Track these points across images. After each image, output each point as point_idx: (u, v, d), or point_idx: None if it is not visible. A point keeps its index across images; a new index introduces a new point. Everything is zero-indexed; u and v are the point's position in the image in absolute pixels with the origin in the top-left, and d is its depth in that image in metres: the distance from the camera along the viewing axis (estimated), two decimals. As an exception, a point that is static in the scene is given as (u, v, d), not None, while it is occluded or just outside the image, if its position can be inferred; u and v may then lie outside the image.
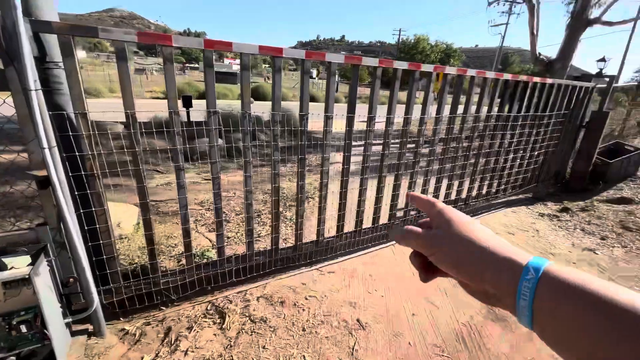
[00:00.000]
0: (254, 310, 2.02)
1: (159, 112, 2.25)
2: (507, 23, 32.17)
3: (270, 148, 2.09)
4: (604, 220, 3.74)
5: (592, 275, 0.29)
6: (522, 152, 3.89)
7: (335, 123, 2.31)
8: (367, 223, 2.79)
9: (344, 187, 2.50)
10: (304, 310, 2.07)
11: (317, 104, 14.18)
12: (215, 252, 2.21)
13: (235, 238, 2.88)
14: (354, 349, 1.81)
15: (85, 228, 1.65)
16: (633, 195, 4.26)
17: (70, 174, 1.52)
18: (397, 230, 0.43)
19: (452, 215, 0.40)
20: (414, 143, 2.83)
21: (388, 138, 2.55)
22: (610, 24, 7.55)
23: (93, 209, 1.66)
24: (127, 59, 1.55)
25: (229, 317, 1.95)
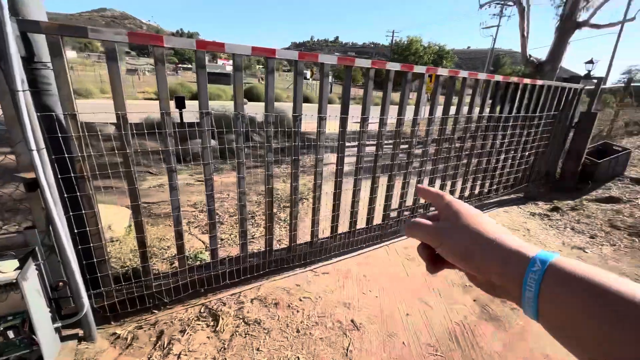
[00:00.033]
0: (248, 312, 2.01)
1: (151, 113, 2.23)
2: (498, 25, 32.59)
3: (264, 149, 2.09)
4: (593, 219, 3.81)
5: (598, 268, 0.29)
6: (513, 152, 3.95)
7: (329, 124, 2.32)
8: (361, 224, 2.80)
9: (338, 188, 2.50)
10: (298, 312, 2.06)
11: (310, 105, 14.19)
12: (209, 254, 2.20)
13: (229, 240, 2.86)
14: (348, 350, 1.81)
15: (75, 231, 1.62)
16: (621, 195, 4.35)
17: (60, 176, 1.50)
18: (406, 223, 0.44)
19: (460, 208, 0.41)
20: (407, 144, 2.85)
21: (381, 139, 2.56)
22: (598, 27, 7.72)
23: (83, 212, 1.63)
24: (117, 60, 1.53)
25: (223, 319, 1.93)
